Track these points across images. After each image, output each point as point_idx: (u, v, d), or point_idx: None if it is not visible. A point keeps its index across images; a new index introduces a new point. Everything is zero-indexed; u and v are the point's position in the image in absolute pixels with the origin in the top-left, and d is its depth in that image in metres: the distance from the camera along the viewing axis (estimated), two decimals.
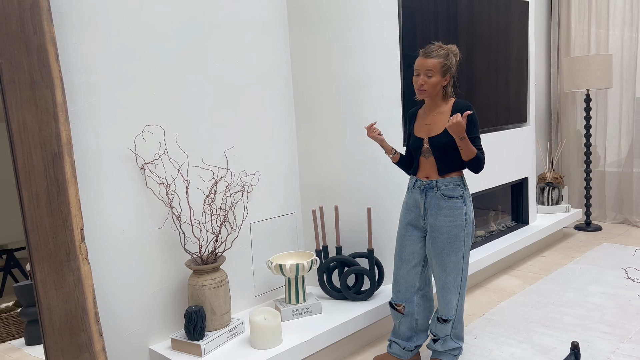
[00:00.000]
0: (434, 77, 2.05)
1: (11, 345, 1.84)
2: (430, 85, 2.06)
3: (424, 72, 2.06)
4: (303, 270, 2.41)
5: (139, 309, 2.17)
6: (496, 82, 3.44)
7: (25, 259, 1.84)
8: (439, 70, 2.05)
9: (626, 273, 3.30)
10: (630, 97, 4.42)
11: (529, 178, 3.83)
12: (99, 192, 2.03)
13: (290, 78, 2.76)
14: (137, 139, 2.13)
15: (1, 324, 1.79)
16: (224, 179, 2.44)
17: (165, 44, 2.21)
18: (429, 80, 2.06)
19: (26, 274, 1.85)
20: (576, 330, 2.59)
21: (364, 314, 2.45)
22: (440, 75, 2.06)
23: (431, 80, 2.06)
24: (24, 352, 1.84)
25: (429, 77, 2.06)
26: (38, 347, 1.84)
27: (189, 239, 2.31)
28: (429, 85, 2.07)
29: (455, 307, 2.17)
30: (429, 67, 2.05)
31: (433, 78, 2.05)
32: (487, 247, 3.37)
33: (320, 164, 2.75)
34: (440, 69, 2.05)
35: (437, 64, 2.04)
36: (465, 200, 2.14)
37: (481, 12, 3.24)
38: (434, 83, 2.06)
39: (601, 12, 4.48)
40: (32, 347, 1.85)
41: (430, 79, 2.06)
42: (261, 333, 2.14)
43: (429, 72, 2.05)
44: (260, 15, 2.58)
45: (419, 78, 2.08)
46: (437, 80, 2.06)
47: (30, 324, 1.83)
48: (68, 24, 1.92)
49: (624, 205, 4.54)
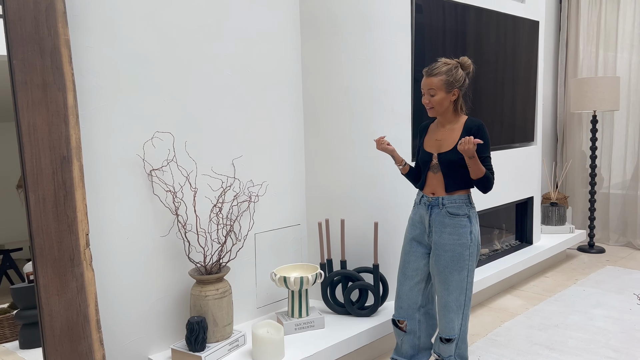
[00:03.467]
0: (438, 95, 2.05)
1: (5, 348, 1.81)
2: (435, 103, 2.06)
3: (427, 91, 2.07)
4: (307, 284, 2.38)
5: (140, 318, 2.13)
6: (504, 100, 3.43)
7: (22, 260, 1.82)
8: (442, 87, 2.04)
9: (638, 298, 3.26)
10: (636, 120, 4.42)
11: (534, 198, 3.81)
12: (105, 197, 2.00)
13: (301, 89, 2.75)
14: (146, 144, 2.11)
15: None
16: (232, 189, 2.41)
17: (177, 51, 2.20)
18: (432, 99, 2.06)
19: (22, 275, 1.82)
20: (581, 354, 2.55)
21: (367, 330, 2.42)
22: (445, 92, 2.06)
23: (435, 98, 2.06)
24: (18, 356, 1.81)
25: (432, 95, 2.06)
26: (32, 351, 1.80)
27: (193, 247, 2.28)
28: (434, 103, 2.06)
29: (459, 327, 2.14)
30: (431, 86, 2.05)
31: (437, 96, 2.05)
32: (491, 266, 3.34)
33: (328, 176, 2.73)
34: (443, 86, 2.04)
35: (438, 81, 2.04)
36: (471, 219, 2.11)
37: (491, 30, 3.24)
38: (438, 101, 2.06)
39: (610, 35, 4.49)
40: (26, 351, 1.82)
41: (434, 98, 2.06)
42: (263, 347, 2.10)
43: (431, 90, 2.06)
44: (273, 25, 2.58)
45: (424, 98, 2.08)
46: (442, 97, 2.06)
47: (25, 327, 1.80)
48: (82, 27, 1.91)
49: (627, 228, 4.52)
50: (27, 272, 1.84)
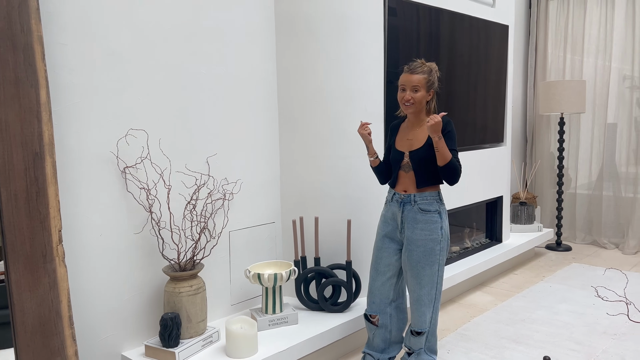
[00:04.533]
0: (420, 92, 2.11)
1: None
2: (417, 100, 2.12)
3: (410, 87, 2.11)
4: (281, 280, 2.41)
5: (113, 314, 2.14)
6: (475, 102, 3.52)
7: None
8: (425, 85, 2.11)
9: (596, 291, 3.39)
10: (601, 123, 4.58)
11: (503, 197, 3.92)
12: (78, 194, 2.01)
13: (276, 88, 2.79)
14: (120, 142, 2.12)
15: None
16: (206, 186, 2.43)
17: (152, 49, 2.21)
18: (415, 95, 2.11)
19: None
20: (546, 347, 2.64)
21: (340, 326, 2.46)
22: (425, 91, 2.12)
23: (417, 95, 2.11)
24: None
25: (416, 91, 2.11)
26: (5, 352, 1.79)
27: (167, 244, 2.29)
28: (416, 100, 2.12)
29: (429, 320, 2.20)
30: (415, 83, 2.10)
31: (419, 93, 2.11)
32: (462, 263, 3.42)
33: (302, 174, 2.77)
34: (425, 84, 2.11)
35: (422, 79, 2.10)
36: (441, 215, 2.18)
37: (463, 34, 3.33)
38: (420, 97, 2.12)
39: (577, 39, 4.64)
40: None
41: (417, 94, 2.11)
42: (237, 342, 2.13)
43: (415, 87, 2.10)
44: (249, 25, 2.61)
45: (406, 93, 2.12)
46: (423, 95, 2.12)
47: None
48: (56, 24, 1.91)
49: (593, 227, 4.67)
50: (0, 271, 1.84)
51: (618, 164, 4.51)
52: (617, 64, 4.46)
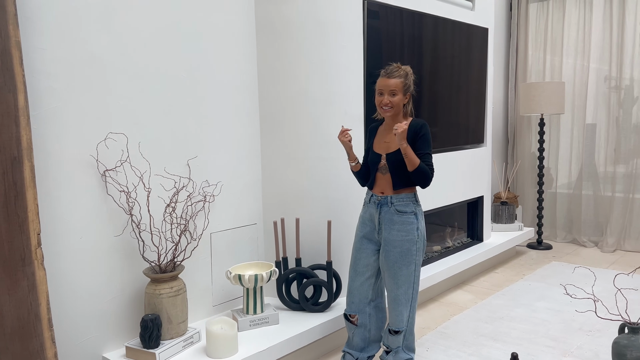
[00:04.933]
0: (398, 96, 2.15)
1: None
2: (395, 103, 2.16)
3: (388, 91, 2.16)
4: (262, 281, 2.44)
5: (94, 316, 2.16)
6: (456, 103, 3.58)
7: None
8: (402, 89, 2.15)
9: (565, 289, 3.47)
10: (580, 123, 4.66)
11: (484, 197, 3.98)
12: (58, 197, 2.02)
13: (257, 91, 2.82)
14: (100, 145, 2.14)
15: None
16: (186, 189, 2.46)
17: (132, 54, 2.24)
18: (393, 99, 2.16)
19: None
20: (522, 344, 2.70)
21: (320, 325, 2.50)
22: (402, 94, 2.17)
23: (395, 99, 2.16)
24: None
25: (393, 95, 2.15)
26: None
27: (147, 247, 2.31)
28: (394, 103, 2.16)
29: (407, 319, 2.25)
30: (392, 87, 2.14)
31: (397, 97, 2.15)
32: (443, 262, 3.48)
33: (283, 176, 2.81)
34: (402, 88, 2.16)
35: (399, 83, 2.14)
36: (417, 216, 2.23)
37: (443, 37, 3.38)
38: (397, 101, 2.16)
39: (556, 41, 4.72)
40: None
41: (394, 98, 2.16)
42: (217, 342, 2.16)
43: (392, 91, 2.15)
44: (229, 28, 2.64)
45: (383, 97, 2.17)
46: (400, 99, 2.16)
47: None
48: (35, 29, 1.93)
49: (573, 226, 4.76)
50: None
51: (597, 163, 4.60)
52: (596, 64, 4.54)
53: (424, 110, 3.28)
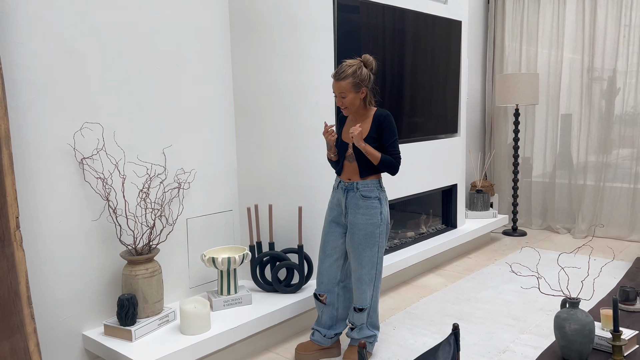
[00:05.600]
0: (348, 96, 2.27)
1: None
2: (348, 103, 2.28)
3: (338, 94, 2.28)
4: (234, 264, 2.57)
5: (73, 297, 2.28)
6: (430, 95, 3.70)
7: None
8: (350, 89, 2.26)
9: (510, 267, 3.74)
10: (555, 113, 4.80)
11: (457, 185, 4.12)
12: (37, 184, 2.14)
13: (231, 82, 2.93)
14: (76, 135, 2.25)
15: None
16: (158, 176, 2.58)
17: (107, 47, 2.34)
18: (344, 100, 2.28)
19: None
20: (485, 323, 2.85)
21: (291, 305, 2.64)
22: (354, 92, 2.27)
23: (346, 100, 2.27)
24: None
25: (343, 97, 2.27)
26: None
27: (124, 231, 2.44)
28: (347, 104, 2.28)
29: (370, 298, 2.39)
30: (340, 90, 2.26)
31: (347, 98, 2.27)
32: (416, 247, 3.61)
33: (258, 164, 2.93)
34: (352, 88, 2.26)
35: (346, 85, 2.25)
36: (381, 201, 2.36)
37: (416, 30, 3.50)
38: (350, 101, 2.28)
39: (531, 32, 4.85)
40: None
41: (345, 99, 2.27)
42: (190, 320, 2.29)
43: (342, 93, 2.27)
44: (204, 22, 2.75)
45: (337, 100, 2.29)
46: (353, 97, 2.27)
47: None
48: (11, 24, 2.03)
49: (547, 213, 4.91)
50: None
51: (573, 152, 4.74)
52: (570, 54, 4.67)
53: (396, 102, 3.40)
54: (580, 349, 1.87)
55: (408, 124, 3.53)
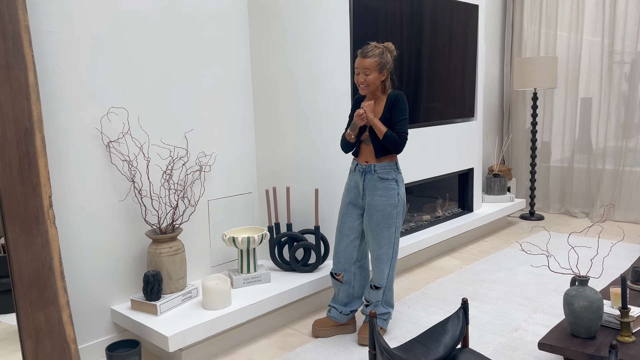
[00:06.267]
0: (372, 75, 2.33)
1: None
2: (369, 81, 2.34)
3: (362, 70, 2.34)
4: (254, 243, 2.67)
5: (103, 273, 2.41)
6: (446, 79, 3.73)
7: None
8: (376, 67, 2.32)
9: (520, 245, 3.80)
10: (574, 97, 4.77)
11: (474, 169, 4.15)
12: (67, 166, 2.26)
13: (250, 68, 3.01)
14: (103, 119, 2.36)
15: None
16: (181, 158, 2.68)
17: (131, 34, 2.44)
18: (367, 78, 2.34)
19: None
20: (498, 303, 2.91)
21: (308, 283, 2.73)
22: (378, 72, 2.34)
23: (369, 77, 2.33)
24: None
25: (367, 74, 2.33)
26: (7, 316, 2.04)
27: (149, 211, 2.55)
28: (369, 82, 2.34)
29: (387, 276, 2.46)
30: (366, 66, 2.32)
31: (371, 75, 2.33)
32: (432, 230, 3.67)
33: (275, 148, 3.01)
34: (377, 67, 2.32)
35: (373, 62, 2.31)
36: (398, 183, 2.42)
37: (433, 13, 3.52)
38: (372, 80, 2.34)
39: (550, 14, 4.81)
40: (2, 316, 2.06)
41: (369, 77, 2.33)
42: (212, 296, 2.40)
43: (366, 70, 2.32)
44: (223, 7, 2.82)
45: (359, 76, 2.35)
46: (375, 77, 2.34)
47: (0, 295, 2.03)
48: (41, 13, 2.14)
49: (565, 198, 4.91)
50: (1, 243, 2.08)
51: (592, 137, 4.71)
52: (589, 38, 4.63)
53: (413, 86, 3.44)
54: (589, 325, 1.92)
55: (425, 108, 3.57)
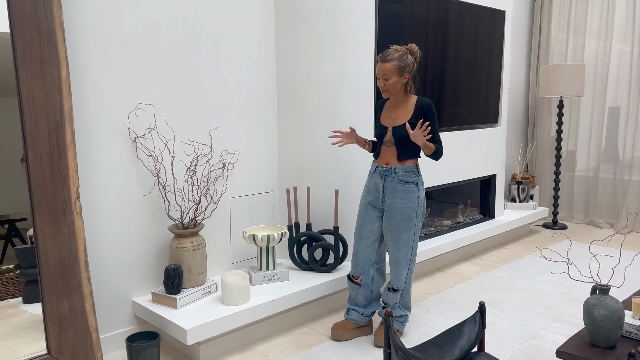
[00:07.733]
0: (391, 79, 2.34)
1: (9, 303, 2.10)
2: (389, 86, 2.35)
3: (381, 75, 2.35)
4: (273, 241, 2.70)
5: (125, 265, 2.47)
6: (471, 85, 3.71)
7: (26, 229, 2.09)
8: (395, 72, 2.33)
9: (540, 252, 3.78)
10: (601, 106, 4.69)
11: (497, 175, 4.11)
12: (95, 159, 2.32)
13: (275, 68, 3.05)
14: (131, 115, 2.42)
15: (1, 283, 2.05)
16: (204, 155, 2.72)
17: (159, 32, 2.50)
18: (387, 83, 2.35)
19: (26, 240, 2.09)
20: (517, 310, 2.88)
21: (326, 283, 2.75)
22: (397, 76, 2.34)
23: (389, 82, 2.34)
24: (21, 309, 2.09)
25: (387, 79, 2.34)
26: (34, 305, 2.10)
27: (172, 206, 2.60)
28: (389, 86, 2.35)
29: (405, 279, 2.46)
30: (385, 72, 2.33)
31: (390, 80, 2.34)
32: (452, 235, 3.65)
33: (297, 148, 3.04)
34: (396, 71, 2.33)
35: (391, 67, 2.32)
36: (418, 186, 2.42)
37: (458, 19, 3.51)
38: (392, 84, 2.35)
39: (579, 22, 4.74)
40: (28, 305, 2.12)
41: (388, 81, 2.34)
42: (231, 291, 2.43)
43: (385, 75, 2.34)
44: (250, 9, 2.87)
45: (380, 81, 2.37)
46: (395, 81, 2.35)
47: (27, 284, 2.08)
48: (75, 11, 2.21)
49: (590, 208, 4.82)
50: (29, 234, 2.14)
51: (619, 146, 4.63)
52: (618, 46, 4.55)
53: (438, 91, 3.44)
54: (609, 334, 1.89)
55: (449, 114, 3.56)
